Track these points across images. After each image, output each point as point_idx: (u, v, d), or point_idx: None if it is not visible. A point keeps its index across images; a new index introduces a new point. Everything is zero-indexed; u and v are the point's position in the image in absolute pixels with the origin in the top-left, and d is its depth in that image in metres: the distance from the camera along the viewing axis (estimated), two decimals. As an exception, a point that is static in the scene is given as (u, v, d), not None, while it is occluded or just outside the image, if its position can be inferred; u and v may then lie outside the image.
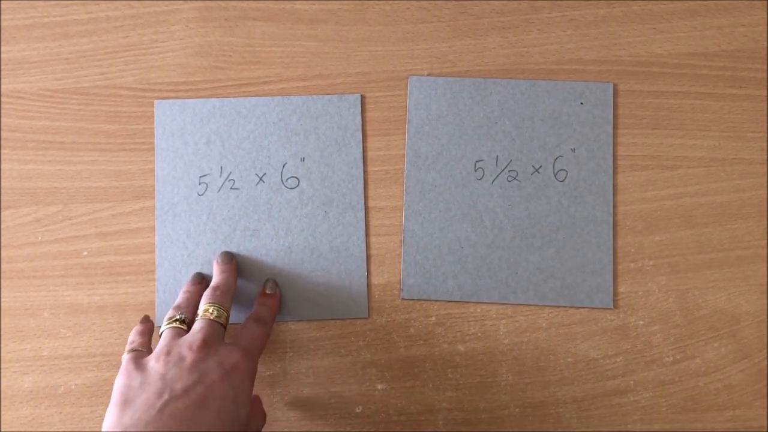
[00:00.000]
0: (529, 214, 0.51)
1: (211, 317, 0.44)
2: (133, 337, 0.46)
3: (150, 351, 0.45)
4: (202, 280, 0.49)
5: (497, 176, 0.51)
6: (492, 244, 0.51)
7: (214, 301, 0.45)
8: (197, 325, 0.44)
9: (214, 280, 0.48)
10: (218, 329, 0.44)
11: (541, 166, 0.51)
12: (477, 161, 0.51)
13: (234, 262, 0.50)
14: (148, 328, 0.48)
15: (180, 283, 0.50)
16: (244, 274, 0.51)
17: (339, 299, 0.50)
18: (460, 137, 0.51)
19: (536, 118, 0.52)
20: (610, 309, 0.50)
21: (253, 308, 0.48)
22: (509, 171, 0.51)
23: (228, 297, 0.47)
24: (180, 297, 0.48)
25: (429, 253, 0.51)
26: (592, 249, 0.50)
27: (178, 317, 0.45)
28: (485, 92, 0.52)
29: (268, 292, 0.49)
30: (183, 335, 0.44)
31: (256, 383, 0.45)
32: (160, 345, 0.43)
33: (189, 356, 0.41)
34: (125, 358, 0.43)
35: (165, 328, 0.44)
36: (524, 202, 0.51)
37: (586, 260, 0.50)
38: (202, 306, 0.45)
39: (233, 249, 0.51)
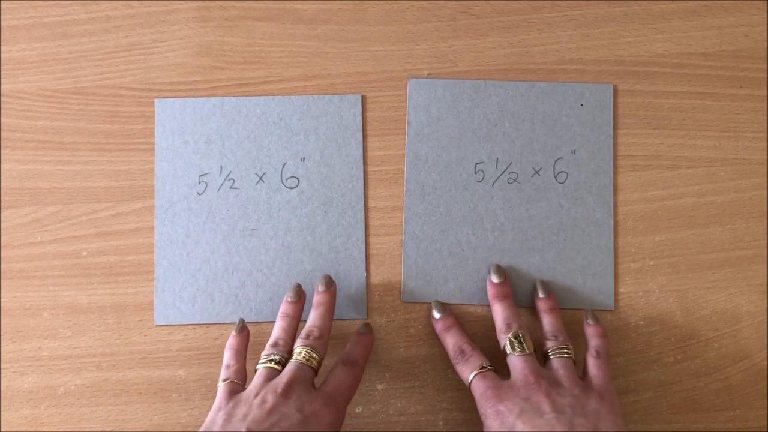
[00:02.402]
0: (530, 216, 0.51)
1: (302, 361, 0.44)
2: (228, 360, 0.46)
3: (244, 379, 0.46)
4: (299, 297, 0.48)
5: (497, 178, 0.51)
6: (493, 246, 0.51)
7: (308, 344, 0.45)
8: (287, 368, 0.44)
9: (312, 319, 0.47)
10: (307, 373, 0.44)
11: (541, 168, 0.51)
12: (477, 163, 0.51)
13: (333, 289, 0.48)
14: (244, 341, 0.48)
15: (179, 283, 0.50)
16: (244, 273, 0.50)
17: (338, 300, 0.50)
18: (460, 139, 0.51)
19: (536, 119, 0.51)
20: (611, 309, 0.50)
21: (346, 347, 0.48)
22: (509, 173, 0.51)
23: (323, 339, 0.46)
24: (277, 328, 0.47)
25: (429, 255, 0.51)
26: (593, 250, 0.50)
27: (273, 357, 0.45)
28: (485, 94, 0.52)
29: (362, 332, 0.49)
30: (275, 375, 0.44)
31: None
32: (253, 384, 0.44)
33: (271, 400, 0.42)
34: (220, 388, 0.44)
35: (260, 367, 0.45)
36: (524, 204, 0.51)
37: (586, 262, 0.50)
38: (296, 347, 0.45)
39: (232, 248, 0.51)
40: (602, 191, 0.51)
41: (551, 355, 0.45)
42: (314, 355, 0.45)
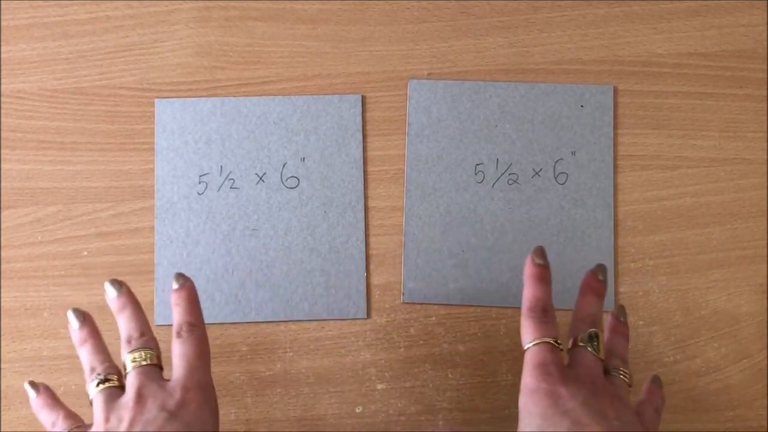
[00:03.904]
0: (530, 218, 0.51)
1: (141, 363, 0.40)
2: (47, 416, 0.42)
3: (77, 420, 0.42)
4: (85, 320, 0.43)
5: (497, 179, 0.51)
6: (493, 247, 0.51)
7: (134, 347, 0.41)
8: (128, 380, 0.40)
9: (123, 325, 0.42)
10: (151, 373, 0.40)
11: (541, 169, 0.51)
12: (477, 164, 0.51)
13: (126, 288, 0.43)
14: (49, 396, 0.43)
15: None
16: (243, 273, 0.50)
17: (338, 300, 0.50)
18: (460, 140, 0.51)
19: (536, 121, 0.51)
20: (611, 310, 0.50)
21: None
22: (509, 174, 0.51)
23: (147, 335, 0.42)
24: (82, 355, 0.42)
25: (430, 256, 0.51)
26: (593, 252, 0.50)
27: (98, 379, 0.40)
28: (485, 95, 0.52)
29: (175, 287, 0.43)
30: (117, 394, 0.40)
31: (256, 384, 0.44)
32: (96, 414, 0.39)
33: (126, 416, 0.38)
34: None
35: (94, 394, 0.40)
36: (525, 205, 0.51)
37: (587, 263, 0.50)
38: (127, 359, 0.41)
39: (232, 248, 0.50)
40: (602, 192, 0.51)
41: (614, 372, 0.41)
42: (148, 351, 0.41)
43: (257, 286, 0.50)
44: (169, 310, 0.50)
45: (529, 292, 0.41)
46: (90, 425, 0.40)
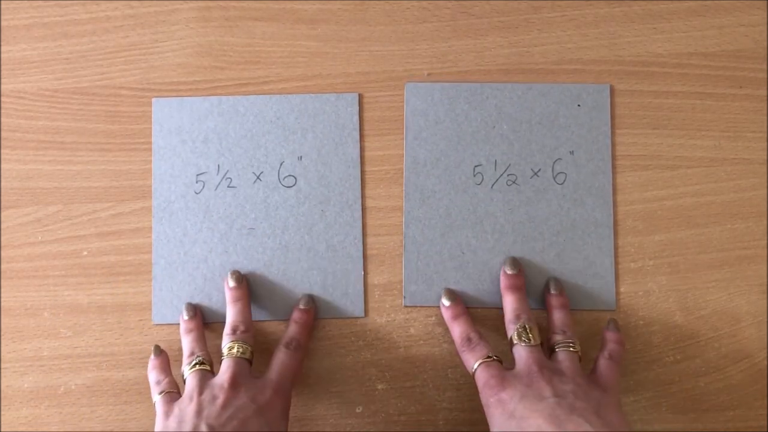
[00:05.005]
0: (529, 218, 0.51)
1: (237, 355, 0.45)
2: (156, 376, 0.47)
3: (179, 390, 0.46)
4: (195, 314, 0.49)
5: (496, 180, 0.51)
6: (493, 248, 0.51)
7: (237, 338, 0.46)
8: (224, 365, 0.45)
9: (233, 315, 0.48)
10: (245, 366, 0.45)
11: (540, 170, 0.51)
12: (476, 166, 0.51)
13: (245, 284, 0.49)
14: (165, 360, 0.48)
15: (177, 282, 0.50)
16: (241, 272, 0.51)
17: (335, 298, 0.50)
18: (458, 142, 0.51)
19: (534, 121, 0.51)
20: (612, 310, 0.50)
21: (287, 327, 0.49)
22: (508, 175, 0.51)
23: (250, 332, 0.47)
24: (185, 342, 0.48)
25: (430, 259, 0.51)
26: (593, 251, 0.50)
27: (196, 361, 0.45)
28: (482, 97, 0.52)
29: (302, 307, 0.49)
30: (209, 377, 0.44)
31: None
32: (190, 387, 0.44)
33: (221, 395, 0.42)
34: (158, 401, 0.45)
35: (188, 374, 0.45)
36: (524, 205, 0.51)
37: (587, 263, 0.50)
38: (226, 344, 0.46)
39: (229, 247, 0.51)
40: (601, 191, 0.51)
41: (558, 348, 0.45)
42: (247, 347, 0.46)
43: (255, 285, 0.50)
44: (167, 310, 0.50)
45: (453, 331, 0.49)
46: (179, 391, 0.45)
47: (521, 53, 0.52)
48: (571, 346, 0.45)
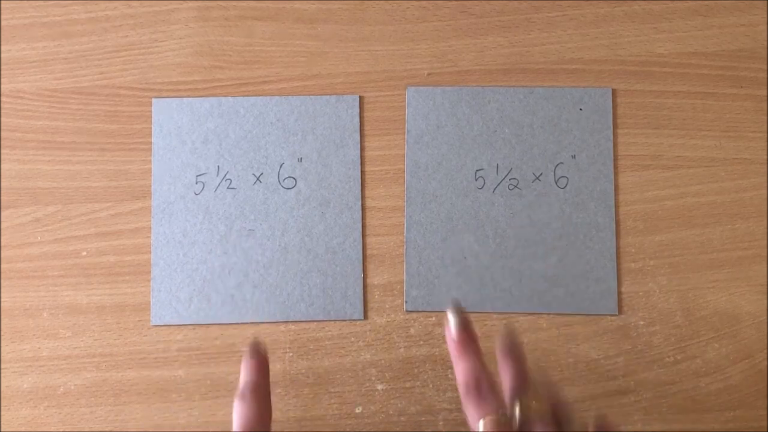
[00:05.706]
0: (531, 222, 0.51)
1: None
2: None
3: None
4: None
5: (498, 185, 0.51)
6: (495, 253, 0.50)
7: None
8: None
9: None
10: None
11: (541, 174, 0.51)
12: (477, 170, 0.51)
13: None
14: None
15: (176, 283, 0.50)
16: (240, 274, 0.50)
17: (335, 301, 0.50)
18: (459, 146, 0.51)
19: (535, 125, 0.51)
20: (615, 314, 0.50)
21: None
22: (510, 179, 0.51)
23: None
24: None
25: (432, 263, 0.50)
26: (595, 255, 0.50)
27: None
28: (483, 100, 0.52)
29: (250, 357, 0.42)
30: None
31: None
32: None
33: None
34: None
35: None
36: (526, 210, 0.51)
37: (589, 267, 0.50)
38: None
39: (229, 249, 0.50)
40: (603, 196, 0.51)
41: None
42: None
43: (254, 287, 0.50)
44: (166, 311, 0.50)
45: (457, 367, 0.38)
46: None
47: (522, 53, 0.52)
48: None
